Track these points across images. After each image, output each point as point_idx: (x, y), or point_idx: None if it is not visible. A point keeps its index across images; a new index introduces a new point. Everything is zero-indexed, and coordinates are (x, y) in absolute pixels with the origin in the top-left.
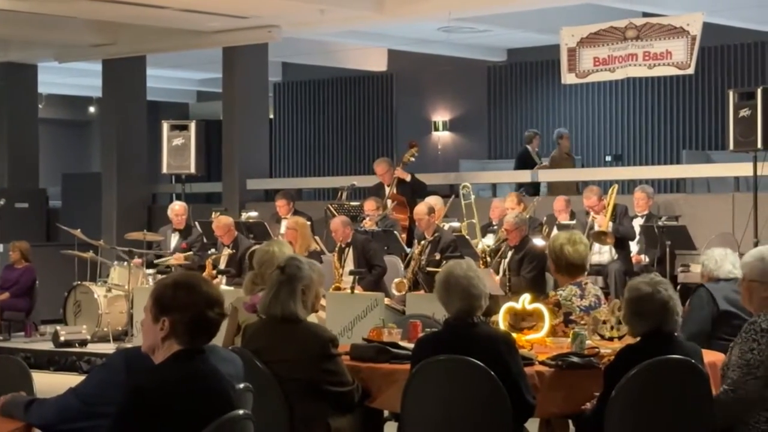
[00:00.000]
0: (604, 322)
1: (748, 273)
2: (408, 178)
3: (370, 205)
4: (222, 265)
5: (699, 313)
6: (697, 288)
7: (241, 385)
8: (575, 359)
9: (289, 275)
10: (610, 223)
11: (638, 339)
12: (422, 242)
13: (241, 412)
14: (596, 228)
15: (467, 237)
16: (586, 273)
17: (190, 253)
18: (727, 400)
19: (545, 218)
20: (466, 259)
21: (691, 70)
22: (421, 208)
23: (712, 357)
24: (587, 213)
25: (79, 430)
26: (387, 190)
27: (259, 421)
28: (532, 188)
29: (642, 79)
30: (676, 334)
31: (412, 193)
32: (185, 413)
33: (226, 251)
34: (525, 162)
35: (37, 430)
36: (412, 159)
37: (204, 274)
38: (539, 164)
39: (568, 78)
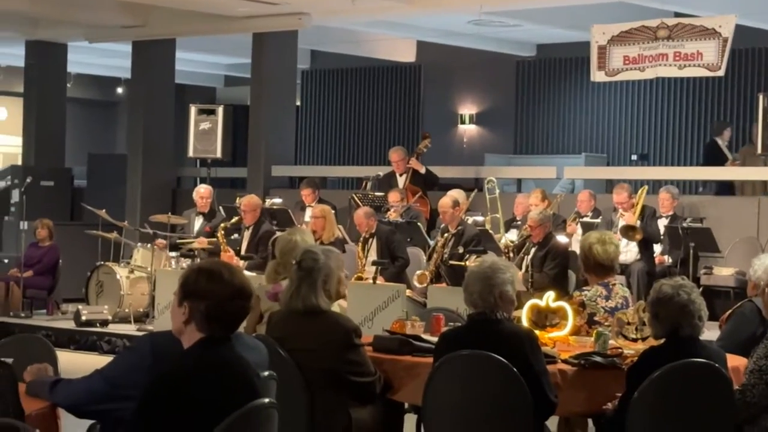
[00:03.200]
0: (629, 323)
1: None
2: (423, 170)
3: (394, 196)
4: (243, 248)
5: (740, 331)
6: (743, 302)
7: (266, 373)
8: (598, 359)
9: (307, 269)
10: (638, 221)
11: (662, 341)
12: (445, 235)
13: (266, 400)
14: (623, 223)
15: (491, 231)
16: (615, 274)
17: (214, 237)
18: (736, 404)
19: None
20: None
21: (721, 72)
22: (446, 201)
23: (736, 362)
24: (615, 210)
25: (104, 411)
26: (399, 179)
27: (280, 409)
28: (719, 186)
29: (671, 79)
30: (699, 337)
31: (424, 184)
32: (209, 401)
33: (247, 234)
34: (714, 156)
35: (62, 410)
36: (425, 150)
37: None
38: (731, 159)
39: (597, 76)
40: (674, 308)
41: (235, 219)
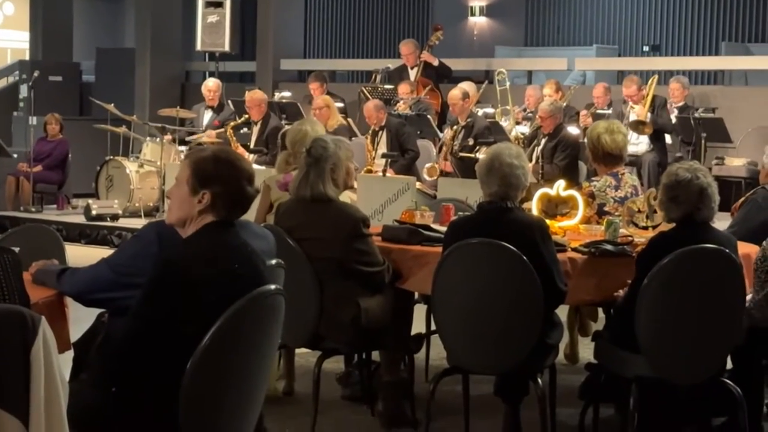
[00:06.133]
0: (639, 212)
1: None
2: (435, 62)
3: (404, 88)
4: (252, 142)
5: (753, 218)
6: (756, 189)
7: (273, 261)
8: (608, 247)
9: (316, 157)
10: (648, 114)
11: (672, 226)
12: (455, 127)
13: (272, 287)
14: (634, 117)
15: (501, 123)
16: (624, 163)
17: (222, 130)
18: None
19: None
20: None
21: None
22: (455, 93)
23: (746, 248)
24: (625, 102)
25: (111, 299)
26: (411, 72)
27: (289, 299)
28: None
29: None
30: (711, 223)
31: (437, 77)
32: (216, 285)
33: (256, 129)
34: None
35: (69, 299)
36: (437, 42)
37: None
38: None
39: None
40: (693, 191)
41: (244, 117)
